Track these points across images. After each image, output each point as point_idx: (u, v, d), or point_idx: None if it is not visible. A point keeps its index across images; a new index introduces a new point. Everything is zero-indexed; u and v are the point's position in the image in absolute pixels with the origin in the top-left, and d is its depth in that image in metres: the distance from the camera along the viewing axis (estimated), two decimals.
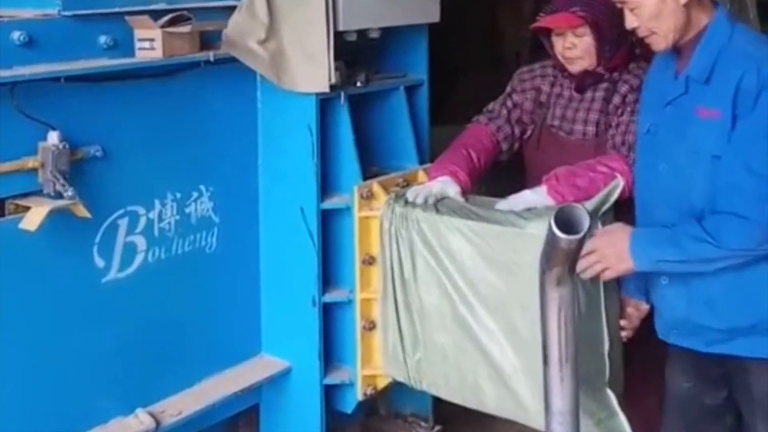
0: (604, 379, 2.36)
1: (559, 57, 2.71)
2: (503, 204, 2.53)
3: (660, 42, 2.22)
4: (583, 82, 2.71)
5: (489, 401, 2.54)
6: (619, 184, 2.30)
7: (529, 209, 2.48)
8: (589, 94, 2.72)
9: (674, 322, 2.28)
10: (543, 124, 2.79)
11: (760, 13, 4.60)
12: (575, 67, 2.69)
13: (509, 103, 2.85)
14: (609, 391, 2.37)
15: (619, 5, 2.25)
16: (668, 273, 2.23)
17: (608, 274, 2.21)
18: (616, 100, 2.66)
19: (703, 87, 2.19)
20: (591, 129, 2.69)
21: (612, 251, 2.17)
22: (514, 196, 2.56)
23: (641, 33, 2.23)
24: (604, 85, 2.69)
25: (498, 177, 3.00)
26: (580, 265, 2.07)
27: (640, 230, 2.21)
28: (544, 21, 2.67)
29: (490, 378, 2.50)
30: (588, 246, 2.07)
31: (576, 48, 2.65)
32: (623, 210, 2.46)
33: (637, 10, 2.19)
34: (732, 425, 2.39)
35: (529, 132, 2.83)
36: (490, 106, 2.89)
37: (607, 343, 2.36)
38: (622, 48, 2.66)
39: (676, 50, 2.25)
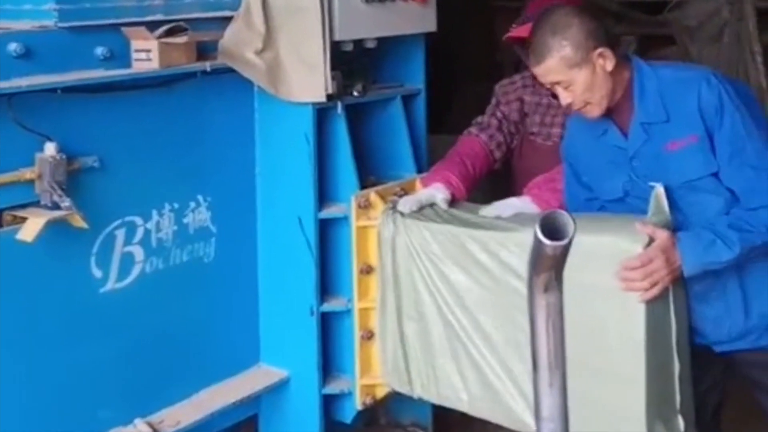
0: (675, 404, 2.25)
1: None
2: (488, 210, 2.61)
3: (595, 110, 2.32)
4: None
5: (485, 407, 2.53)
6: (659, 190, 2.26)
7: (516, 215, 2.55)
8: None
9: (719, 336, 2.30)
10: (524, 132, 2.92)
11: (759, 23, 4.62)
12: None
13: (498, 114, 2.98)
14: (680, 419, 2.25)
15: (550, 86, 2.35)
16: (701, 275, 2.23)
17: (658, 289, 2.18)
18: None
19: (665, 125, 2.28)
20: None
21: (665, 264, 2.16)
22: (499, 203, 2.63)
23: (576, 106, 2.32)
24: None
25: (493, 185, 3.06)
26: (642, 288, 2.12)
27: (682, 237, 2.19)
28: (514, 31, 2.82)
29: (483, 384, 2.50)
30: (649, 266, 2.11)
31: None
32: None
33: (572, 86, 2.28)
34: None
35: (513, 140, 2.95)
36: (479, 118, 3.00)
37: (678, 364, 2.24)
38: None
39: (606, 111, 2.34)
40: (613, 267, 2.18)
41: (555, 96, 2.79)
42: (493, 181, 3.16)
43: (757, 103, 2.40)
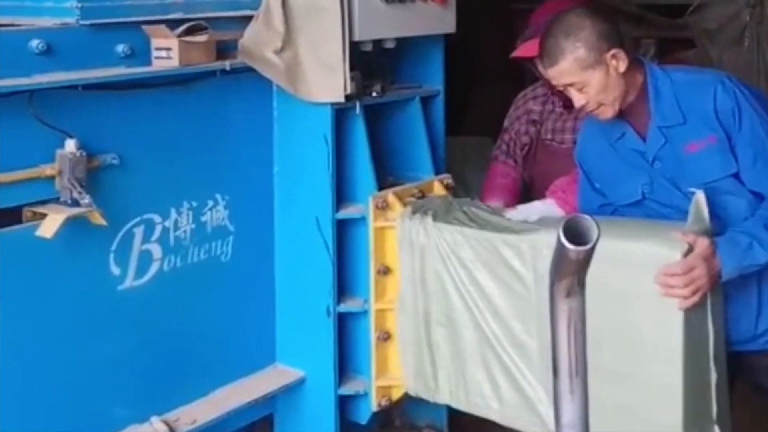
0: (711, 414, 2.19)
1: (546, 77, 2.79)
2: (514, 214, 2.59)
3: (608, 111, 2.33)
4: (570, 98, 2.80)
5: (517, 416, 2.47)
6: (699, 197, 2.23)
7: (541, 219, 2.53)
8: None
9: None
10: (537, 139, 3.00)
11: None
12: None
13: (506, 137, 3.11)
14: (717, 430, 2.20)
15: (563, 87, 2.36)
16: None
17: (699, 296, 2.14)
18: None
19: (683, 127, 2.28)
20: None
21: (707, 272, 2.12)
22: (524, 206, 2.65)
23: (590, 107, 2.33)
24: None
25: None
26: (683, 295, 2.08)
27: (720, 243, 2.16)
28: (520, 50, 2.90)
29: (515, 392, 2.45)
30: (690, 274, 2.08)
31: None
32: None
33: (586, 88, 2.29)
34: None
35: (525, 149, 3.05)
36: (495, 148, 3.15)
37: (715, 372, 2.19)
38: None
39: (620, 114, 2.35)
40: (651, 274, 2.13)
41: (566, 106, 2.94)
42: None
43: None
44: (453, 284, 2.55)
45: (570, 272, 1.31)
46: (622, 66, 2.28)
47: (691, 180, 2.28)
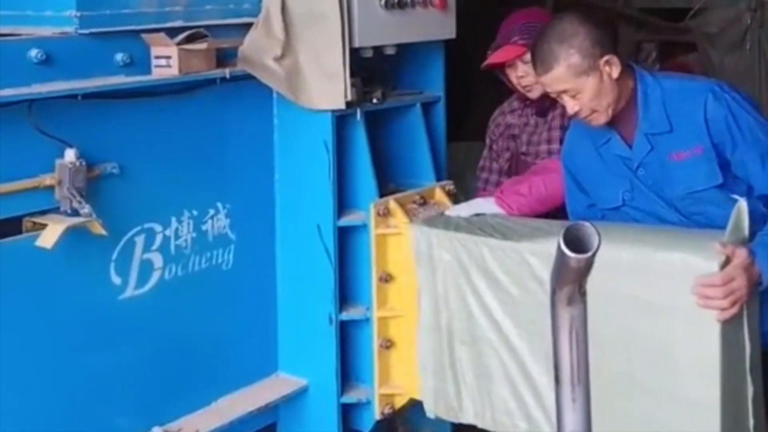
0: (748, 428, 2.13)
1: (518, 87, 2.93)
2: (453, 210, 2.64)
3: (601, 117, 2.31)
4: (543, 105, 2.92)
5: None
6: (742, 205, 2.17)
7: (478, 214, 2.59)
8: (549, 116, 2.93)
9: None
10: (517, 153, 3.01)
11: None
12: (533, 93, 2.89)
13: (493, 155, 3.11)
14: None
15: (556, 94, 2.34)
16: None
17: (738, 307, 2.07)
18: None
19: (669, 135, 2.28)
20: (555, 146, 2.86)
21: (747, 283, 2.06)
22: (465, 203, 2.69)
23: (583, 114, 2.31)
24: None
25: None
26: (722, 307, 2.00)
27: (757, 251, 2.10)
28: (491, 58, 2.93)
29: (543, 410, 2.36)
30: (730, 285, 2.01)
31: (528, 75, 2.83)
32: None
33: (579, 94, 2.28)
34: None
35: (507, 165, 3.05)
36: (480, 169, 3.14)
37: (752, 386, 2.12)
38: None
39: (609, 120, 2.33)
40: (687, 285, 2.05)
41: (539, 114, 2.97)
42: None
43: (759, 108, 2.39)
44: (476, 299, 2.46)
45: (571, 280, 1.30)
46: (616, 72, 2.27)
47: (674, 188, 2.28)
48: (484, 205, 2.67)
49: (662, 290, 2.10)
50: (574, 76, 2.26)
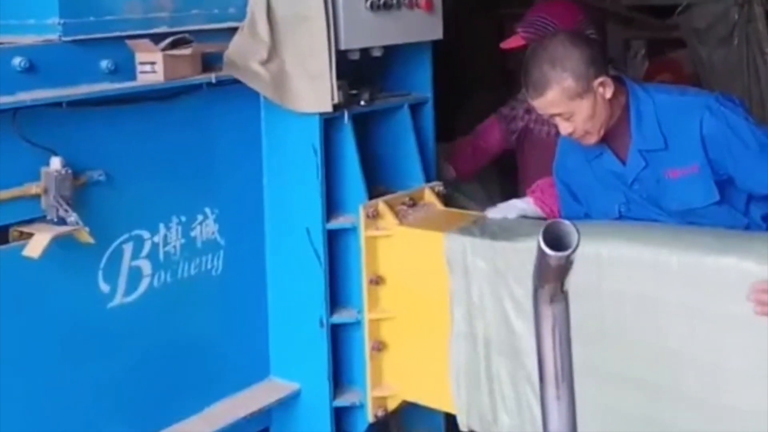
0: None
1: None
2: (494, 212, 2.59)
3: (593, 138, 2.28)
4: None
5: None
6: None
7: (523, 216, 2.55)
8: None
9: None
10: (526, 128, 3.12)
11: None
12: None
13: (510, 108, 3.28)
14: None
15: (549, 117, 2.31)
16: None
17: None
18: None
19: (664, 152, 2.24)
20: (554, 128, 2.86)
21: None
22: (505, 204, 2.63)
23: (577, 134, 2.27)
24: None
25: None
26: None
27: None
28: (502, 44, 3.10)
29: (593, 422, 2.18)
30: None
31: None
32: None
33: (573, 117, 2.24)
34: None
35: (517, 134, 3.17)
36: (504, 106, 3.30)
37: None
38: None
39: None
40: (740, 291, 1.92)
41: None
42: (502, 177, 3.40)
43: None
44: (515, 308, 2.35)
45: (552, 278, 1.30)
46: (609, 92, 2.23)
47: (670, 203, 2.26)
48: (522, 206, 2.62)
49: (713, 297, 2.00)
50: (568, 100, 2.21)
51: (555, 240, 1.26)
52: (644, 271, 2.08)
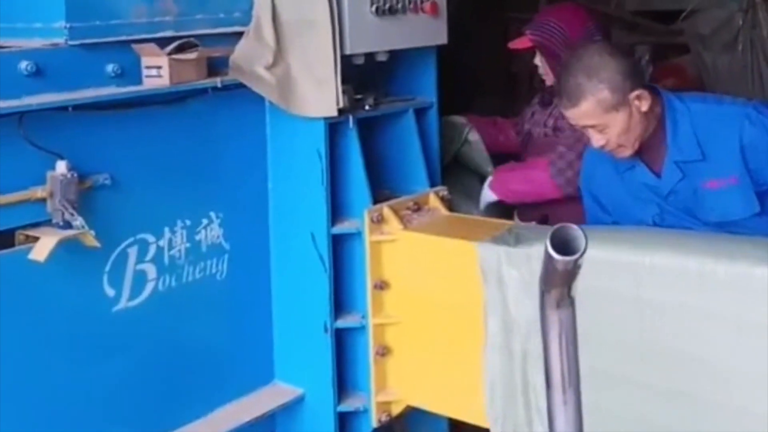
0: None
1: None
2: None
3: (627, 151, 2.22)
4: (543, 97, 3.12)
5: None
6: None
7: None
8: (548, 110, 3.07)
9: None
10: (528, 133, 3.19)
11: None
12: (547, 81, 3.06)
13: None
14: None
15: (583, 128, 2.23)
16: None
17: None
18: None
19: (702, 164, 2.18)
20: (549, 131, 3.04)
21: None
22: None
23: (610, 147, 2.21)
24: None
25: None
26: None
27: None
28: (510, 44, 3.14)
29: None
30: None
31: (540, 66, 3.01)
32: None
33: (607, 129, 2.17)
34: None
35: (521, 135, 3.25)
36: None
37: None
38: None
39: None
40: None
41: (544, 103, 3.07)
42: None
43: None
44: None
45: (559, 283, 1.29)
46: (645, 106, 2.16)
47: (708, 214, 2.19)
48: (485, 193, 2.86)
49: (756, 308, 1.92)
50: (603, 112, 2.15)
51: (562, 244, 1.25)
52: (691, 282, 1.99)
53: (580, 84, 2.16)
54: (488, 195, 2.99)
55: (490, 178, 3.04)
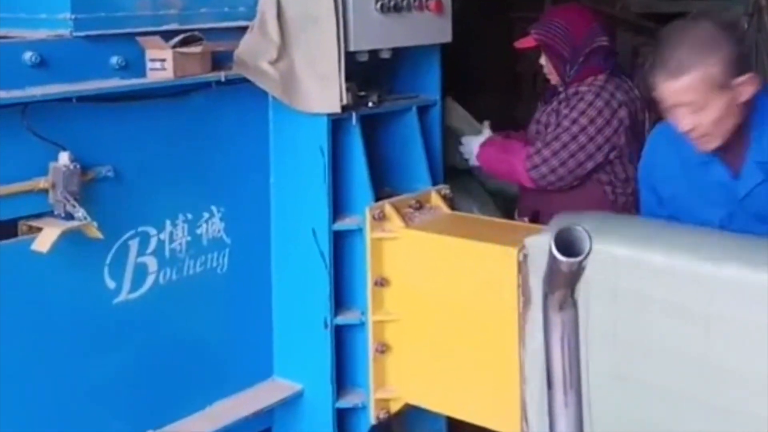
0: None
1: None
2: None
3: (712, 143, 2.04)
4: (544, 95, 3.15)
5: None
6: None
7: None
8: (547, 106, 3.08)
9: None
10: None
11: None
12: (551, 82, 3.09)
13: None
14: None
15: (670, 106, 2.05)
16: None
17: None
18: (563, 108, 2.97)
19: None
20: (541, 127, 3.06)
21: None
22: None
23: (696, 134, 2.03)
24: (561, 95, 3.02)
25: None
26: None
27: None
28: (516, 42, 3.14)
29: None
30: None
31: (545, 66, 3.07)
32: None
33: (702, 112, 2.00)
34: None
35: None
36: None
37: None
38: (585, 68, 2.97)
39: None
40: None
41: (543, 100, 3.08)
42: None
43: None
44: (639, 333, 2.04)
45: (562, 284, 1.29)
46: (749, 93, 1.99)
47: None
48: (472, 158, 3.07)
49: None
50: (706, 89, 1.97)
51: (567, 245, 1.25)
52: (732, 291, 1.88)
53: (689, 56, 1.97)
54: (473, 160, 3.12)
55: (480, 140, 3.12)
